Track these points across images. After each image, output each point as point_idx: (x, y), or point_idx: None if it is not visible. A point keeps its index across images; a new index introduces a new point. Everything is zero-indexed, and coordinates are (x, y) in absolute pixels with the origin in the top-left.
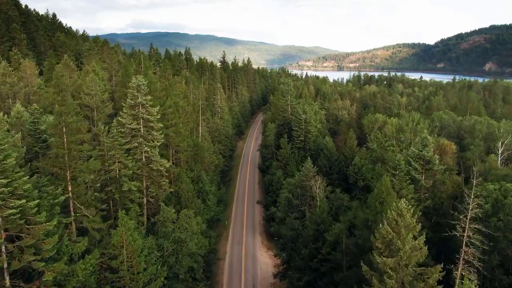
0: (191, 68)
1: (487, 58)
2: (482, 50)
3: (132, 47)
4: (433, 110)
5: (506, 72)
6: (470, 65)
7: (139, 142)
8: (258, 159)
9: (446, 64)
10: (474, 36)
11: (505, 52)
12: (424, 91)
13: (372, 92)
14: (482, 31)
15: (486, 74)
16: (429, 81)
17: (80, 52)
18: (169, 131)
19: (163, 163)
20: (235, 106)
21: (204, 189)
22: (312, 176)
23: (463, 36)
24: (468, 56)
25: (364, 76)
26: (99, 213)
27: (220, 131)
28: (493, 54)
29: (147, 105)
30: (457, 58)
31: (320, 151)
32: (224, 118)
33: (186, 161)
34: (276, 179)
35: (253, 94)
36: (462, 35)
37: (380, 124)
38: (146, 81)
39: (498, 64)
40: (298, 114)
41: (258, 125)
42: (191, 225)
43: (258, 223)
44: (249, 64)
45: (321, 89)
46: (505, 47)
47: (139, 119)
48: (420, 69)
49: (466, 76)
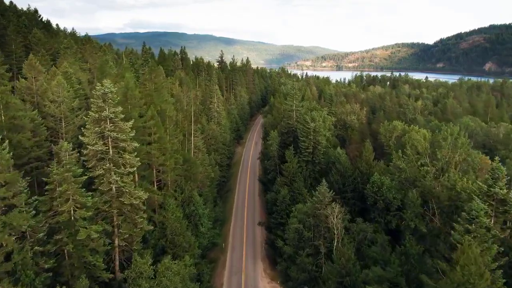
0: (187, 69)
1: (487, 58)
2: (482, 49)
3: (125, 47)
4: (447, 114)
5: (506, 71)
6: (470, 65)
7: (106, 169)
8: (258, 167)
9: (445, 64)
10: (473, 35)
11: (505, 52)
12: (432, 93)
13: (378, 94)
14: (482, 31)
15: (486, 74)
16: (434, 82)
17: (58, 51)
18: (151, 148)
19: (138, 195)
20: (234, 109)
21: (197, 213)
22: (328, 202)
23: (462, 35)
24: (467, 55)
25: (366, 77)
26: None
27: (217, 138)
28: (493, 53)
29: (117, 119)
30: (456, 58)
31: (332, 165)
32: (222, 123)
33: (175, 180)
34: (281, 198)
35: (252, 95)
36: (461, 35)
37: (399, 133)
38: (121, 86)
39: (498, 63)
40: (305, 122)
41: (258, 128)
42: (173, 281)
43: (260, 245)
44: (248, 64)
45: (324, 91)
46: (505, 46)
47: (106, 138)
48: (419, 69)
49: (466, 75)
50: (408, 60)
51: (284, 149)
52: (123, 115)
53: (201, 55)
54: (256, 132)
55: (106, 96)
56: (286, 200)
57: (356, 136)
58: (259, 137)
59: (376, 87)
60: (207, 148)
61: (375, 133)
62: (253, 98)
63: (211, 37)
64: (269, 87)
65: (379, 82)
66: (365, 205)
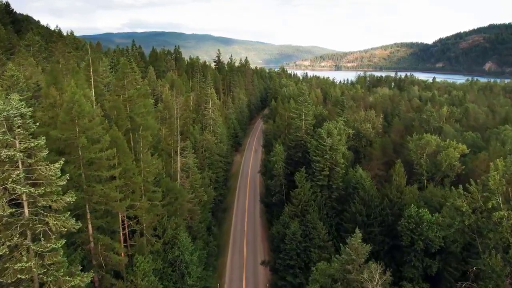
0: (180, 70)
1: (487, 58)
2: (482, 49)
3: (116, 46)
4: (469, 120)
5: (507, 71)
6: (470, 65)
7: (18, 244)
8: (259, 180)
9: (445, 64)
10: (473, 35)
11: (505, 52)
12: (444, 95)
13: (388, 96)
14: (481, 30)
15: (486, 74)
16: (441, 82)
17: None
18: (109, 188)
19: (76, 284)
20: (231, 113)
21: (183, 259)
22: (362, 263)
23: (462, 35)
24: (467, 55)
25: (370, 77)
26: None
27: (212, 150)
28: (492, 53)
29: (36, 160)
30: (456, 58)
31: (353, 191)
32: (218, 131)
33: (151, 222)
34: (291, 235)
35: (251, 97)
36: (461, 35)
37: (433, 150)
38: (73, 97)
39: (498, 63)
40: (320, 138)
41: (258, 133)
42: None
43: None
44: (247, 64)
45: (329, 93)
46: (504, 46)
47: (13, 192)
48: (418, 68)
49: (466, 75)
50: (407, 60)
51: (291, 167)
52: (46, 150)
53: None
54: (255, 138)
55: (12, 122)
56: (297, 237)
57: (377, 151)
58: (259, 143)
59: (383, 89)
60: (200, 164)
61: (395, 145)
62: (252, 100)
63: (209, 37)
64: (269, 88)
65: (384, 83)
66: (396, 241)
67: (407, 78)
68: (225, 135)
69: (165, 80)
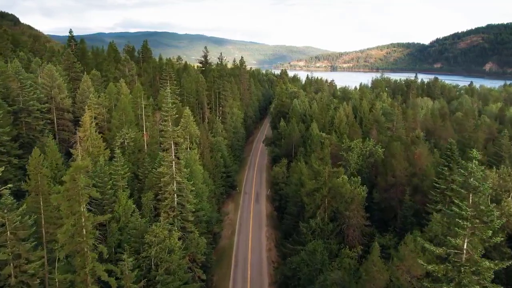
0: (145, 76)
1: (486, 58)
2: (481, 49)
3: (102, 46)
4: None
5: (508, 72)
6: (469, 65)
7: None
8: (268, 265)
9: (443, 64)
10: (471, 35)
11: (506, 52)
12: (497, 104)
13: (437, 111)
14: (480, 30)
15: (486, 75)
16: (480, 88)
17: None
18: None
19: None
20: (222, 141)
21: None
22: None
23: (459, 35)
24: (466, 55)
25: (385, 81)
26: None
27: (175, 252)
28: (492, 53)
29: None
30: (454, 58)
31: None
32: (191, 201)
33: None
34: None
35: (248, 108)
36: (458, 35)
37: None
38: None
39: (499, 64)
40: None
41: (258, 159)
42: None
43: None
44: (242, 66)
45: (362, 110)
46: (505, 46)
47: None
48: (416, 69)
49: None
50: (404, 60)
51: None
52: None
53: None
54: (256, 168)
55: None
56: None
57: None
58: (261, 179)
59: (424, 99)
60: None
61: None
62: (249, 112)
63: (202, 37)
64: (269, 93)
65: (410, 89)
66: None
67: (432, 82)
68: (207, 188)
69: (89, 105)
